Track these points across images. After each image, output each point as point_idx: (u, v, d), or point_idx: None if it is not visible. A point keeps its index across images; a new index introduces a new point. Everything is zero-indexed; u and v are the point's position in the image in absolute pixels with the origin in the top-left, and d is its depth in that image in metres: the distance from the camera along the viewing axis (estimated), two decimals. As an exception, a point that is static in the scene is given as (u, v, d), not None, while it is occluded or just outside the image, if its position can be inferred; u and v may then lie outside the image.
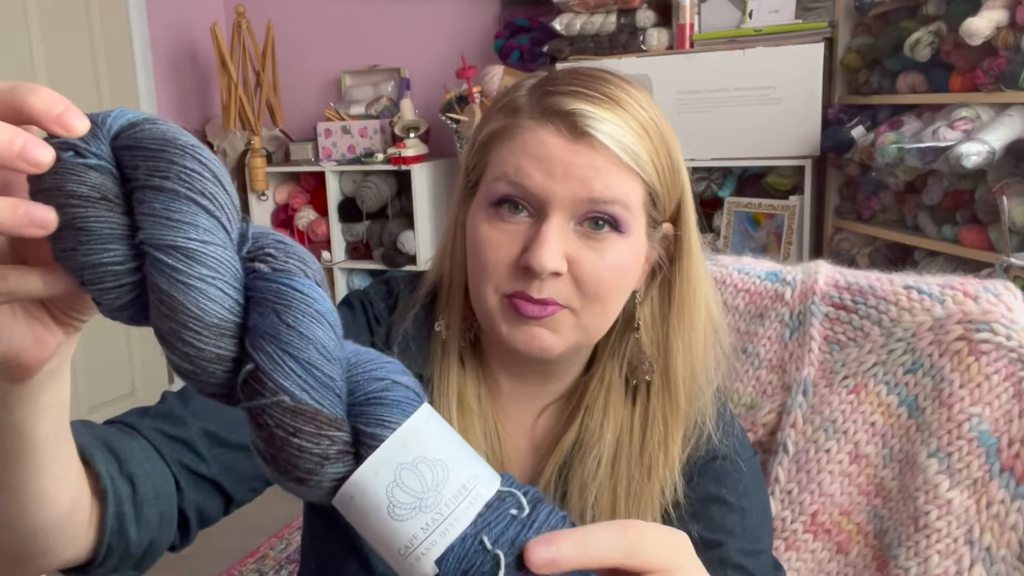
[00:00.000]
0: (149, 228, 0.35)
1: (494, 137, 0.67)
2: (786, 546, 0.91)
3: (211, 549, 2.20)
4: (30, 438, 0.43)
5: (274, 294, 0.37)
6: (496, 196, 0.64)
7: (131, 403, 3.07)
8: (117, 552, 0.53)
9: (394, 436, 0.38)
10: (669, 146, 0.67)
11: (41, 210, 0.34)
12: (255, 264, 0.37)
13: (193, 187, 0.35)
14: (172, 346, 0.36)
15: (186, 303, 0.35)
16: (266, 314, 0.36)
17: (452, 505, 0.38)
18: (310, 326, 0.37)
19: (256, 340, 0.36)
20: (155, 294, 0.35)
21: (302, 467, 0.37)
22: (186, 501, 0.60)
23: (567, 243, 0.63)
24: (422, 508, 0.37)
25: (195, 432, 0.61)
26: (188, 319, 0.35)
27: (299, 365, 0.36)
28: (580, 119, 0.62)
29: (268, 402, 0.36)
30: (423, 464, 0.38)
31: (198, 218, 0.35)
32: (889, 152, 1.99)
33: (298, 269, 0.38)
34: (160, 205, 0.35)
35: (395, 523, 0.37)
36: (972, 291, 0.86)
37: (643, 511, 0.69)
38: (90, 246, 0.35)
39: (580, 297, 0.64)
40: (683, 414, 0.71)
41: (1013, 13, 1.80)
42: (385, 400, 0.39)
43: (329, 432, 0.37)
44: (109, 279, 0.35)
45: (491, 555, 0.37)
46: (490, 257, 0.64)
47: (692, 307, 0.71)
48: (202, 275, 0.35)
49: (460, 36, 3.16)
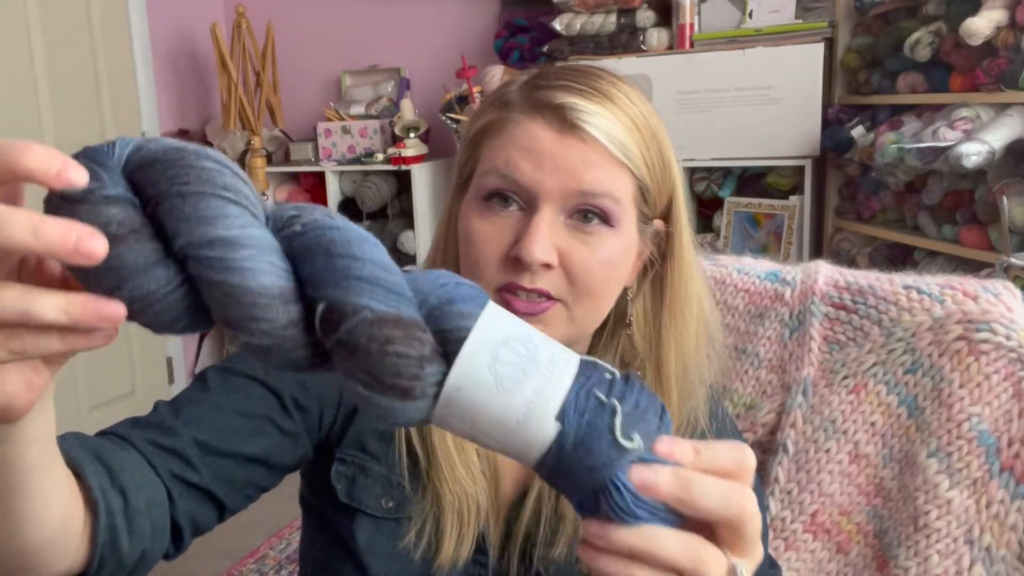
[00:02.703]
0: (186, 233, 0.35)
1: (485, 131, 0.67)
2: (786, 546, 0.91)
3: (211, 549, 2.21)
4: (18, 469, 0.43)
5: (314, 241, 0.38)
6: (487, 189, 0.65)
7: (131, 403, 3.07)
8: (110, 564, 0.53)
9: (479, 322, 0.40)
10: (660, 142, 0.67)
11: (111, 305, 0.34)
12: (286, 230, 0.39)
13: (215, 183, 0.36)
14: (247, 330, 0.37)
15: (245, 284, 0.36)
16: (315, 259, 0.38)
17: (552, 368, 0.40)
18: (358, 247, 0.39)
19: (317, 284, 0.38)
20: (211, 288, 0.36)
21: (405, 374, 0.38)
22: (179, 511, 0.60)
23: (558, 236, 0.63)
24: (527, 375, 0.39)
25: (186, 441, 0.61)
26: (253, 297, 0.36)
27: (364, 282, 0.38)
28: (570, 112, 0.62)
29: (353, 323, 0.37)
30: (513, 340, 0.40)
31: (227, 209, 0.36)
32: (889, 152, 1.98)
33: (323, 215, 0.40)
34: (190, 208, 0.36)
35: (507, 395, 0.39)
36: (972, 291, 0.86)
37: None
38: (133, 281, 0.35)
39: (572, 290, 0.64)
40: (675, 410, 0.71)
41: (1013, 13, 1.80)
42: (457, 298, 0.41)
43: (417, 334, 0.39)
44: (157, 304, 0.36)
45: (608, 406, 0.39)
46: (481, 251, 0.64)
47: (684, 304, 0.71)
48: (249, 256, 0.36)
49: (460, 36, 3.16)
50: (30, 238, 0.32)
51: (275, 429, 0.66)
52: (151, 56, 3.21)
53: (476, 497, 0.70)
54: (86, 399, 2.90)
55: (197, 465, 0.61)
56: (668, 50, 2.57)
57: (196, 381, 0.67)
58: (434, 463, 0.69)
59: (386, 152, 3.01)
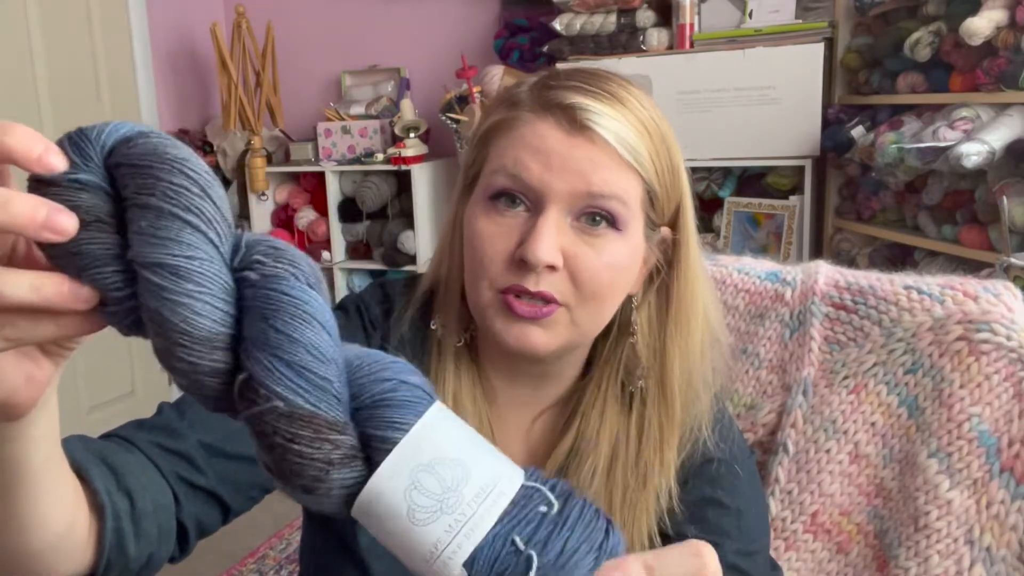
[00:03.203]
0: (137, 246, 0.34)
1: (493, 130, 0.66)
2: (786, 546, 0.91)
3: (211, 549, 2.20)
4: (24, 470, 0.43)
5: (262, 300, 0.36)
6: (494, 189, 0.64)
7: (131, 403, 3.07)
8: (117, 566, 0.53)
9: (407, 438, 0.37)
10: (670, 148, 0.66)
11: (83, 288, 0.34)
12: (245, 273, 0.37)
13: (178, 203, 0.35)
14: (168, 363, 0.36)
15: (173, 319, 0.34)
16: (255, 321, 0.36)
17: (475, 504, 0.36)
18: (299, 328, 0.36)
19: (248, 348, 0.36)
20: (146, 313, 0.35)
21: (306, 475, 0.36)
22: (184, 513, 0.60)
23: (564, 238, 0.63)
24: (443, 510, 0.36)
25: (192, 444, 0.61)
26: (177, 335, 0.35)
27: (290, 369, 0.36)
28: (580, 112, 0.62)
29: (263, 409, 0.35)
30: (440, 464, 0.36)
31: (182, 234, 0.35)
32: (889, 152, 1.98)
33: (287, 272, 0.37)
34: (146, 223, 0.34)
35: (417, 528, 0.36)
36: (972, 291, 0.86)
37: (638, 519, 0.69)
38: (90, 271, 0.34)
39: (576, 294, 0.64)
40: (679, 421, 0.71)
41: (1013, 13, 1.80)
42: (393, 401, 0.38)
43: (329, 436, 0.36)
44: (113, 303, 0.35)
45: (524, 555, 0.35)
46: (486, 251, 0.64)
47: (690, 314, 0.70)
48: (188, 291, 0.34)
49: (460, 36, 3.15)
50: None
51: None
52: (151, 56, 3.21)
53: None
54: (86, 399, 2.90)
55: (203, 468, 0.61)
56: (668, 50, 2.57)
57: None
58: None
59: (386, 152, 3.00)
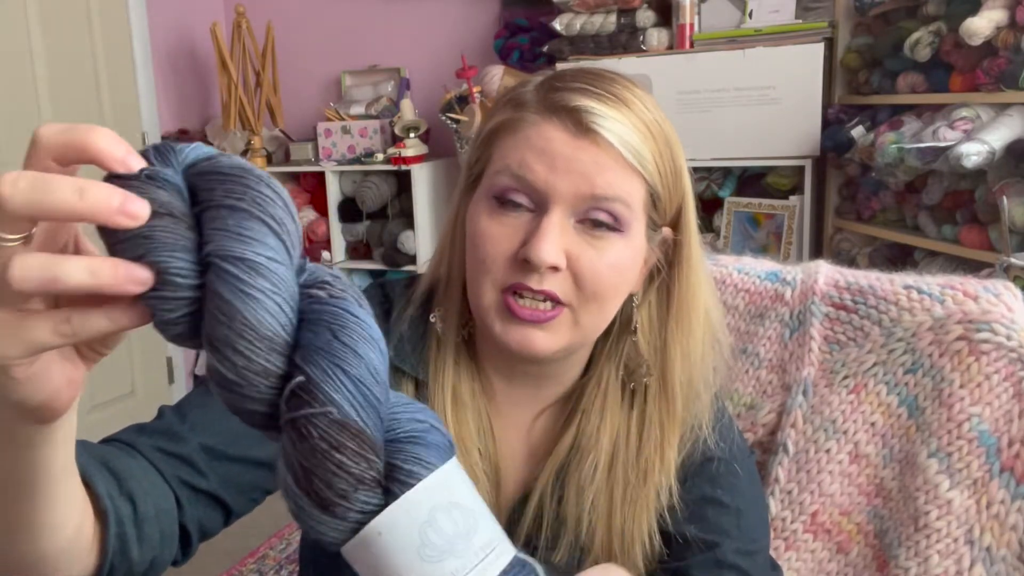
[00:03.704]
0: (218, 240, 0.35)
1: (498, 130, 0.66)
2: (786, 546, 0.91)
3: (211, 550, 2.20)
4: (47, 472, 0.43)
5: (330, 315, 0.37)
6: (498, 189, 0.64)
7: (131, 403, 3.07)
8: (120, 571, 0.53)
9: (434, 476, 0.38)
10: (673, 150, 0.67)
11: (139, 269, 0.34)
12: (311, 290, 0.38)
13: (265, 210, 0.36)
14: (222, 354, 0.36)
15: (244, 312, 0.35)
16: (321, 332, 0.37)
17: (481, 555, 0.38)
18: (364, 346, 0.37)
19: (308, 355, 0.37)
20: (214, 302, 0.35)
21: (335, 487, 0.37)
22: (187, 516, 0.60)
23: (567, 239, 0.63)
24: (453, 553, 0.37)
25: (193, 447, 0.61)
26: (244, 328, 0.35)
27: (350, 381, 0.37)
28: (585, 115, 0.62)
29: (316, 411, 0.36)
30: (456, 509, 0.38)
31: (267, 237, 0.36)
32: (889, 152, 1.98)
33: (352, 298, 0.39)
34: (233, 221, 0.36)
35: (425, 565, 0.37)
36: (972, 291, 0.86)
37: (638, 516, 0.69)
38: (155, 254, 0.35)
39: (578, 294, 0.64)
40: (679, 420, 0.71)
41: (1013, 13, 1.80)
42: (425, 441, 0.39)
43: (368, 455, 0.37)
44: (169, 288, 0.35)
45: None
46: (489, 250, 0.64)
47: (691, 313, 0.70)
48: (263, 288, 0.36)
49: (460, 36, 3.15)
50: (75, 198, 0.33)
51: None
52: (151, 56, 3.21)
53: None
54: (86, 399, 2.90)
55: (205, 471, 0.61)
56: (668, 50, 2.57)
57: (200, 384, 0.67)
58: None
59: (386, 152, 3.00)
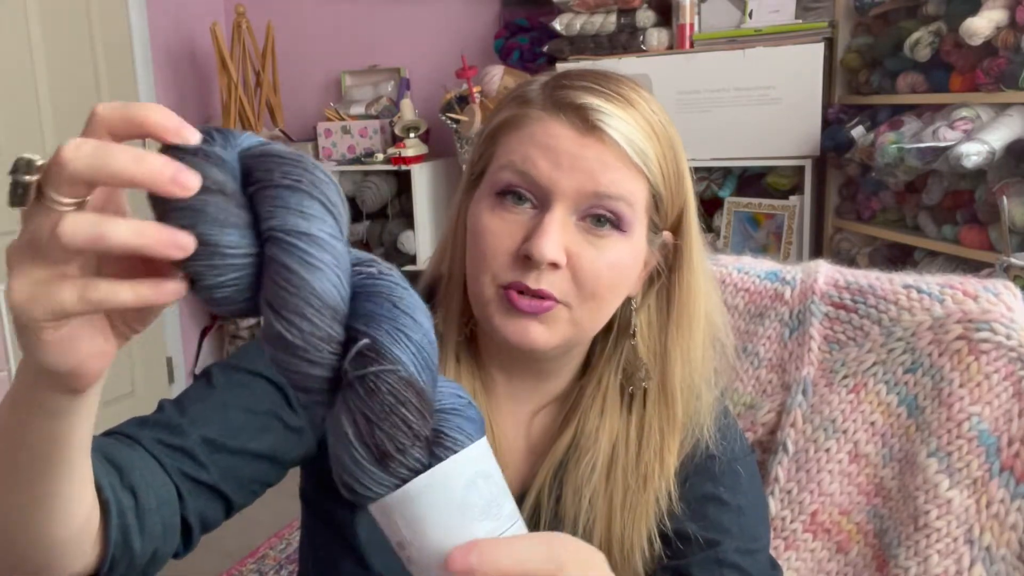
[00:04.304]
0: (281, 217, 0.37)
1: (503, 127, 0.67)
2: (786, 545, 0.91)
3: (211, 549, 2.20)
4: (69, 445, 0.43)
5: (387, 288, 0.40)
6: (501, 184, 0.64)
7: (131, 403, 3.07)
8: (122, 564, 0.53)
9: (475, 445, 0.42)
10: (676, 153, 0.67)
11: (182, 235, 0.36)
12: (361, 268, 0.41)
13: (323, 194, 0.38)
14: (289, 321, 0.37)
15: (312, 282, 0.37)
16: (380, 302, 0.40)
17: (509, 523, 0.42)
18: (420, 315, 0.41)
19: (371, 321, 0.39)
20: (280, 272, 0.37)
21: (396, 440, 0.39)
22: (188, 509, 0.60)
23: (568, 237, 0.63)
24: (488, 515, 0.41)
25: (194, 440, 0.61)
26: (312, 297, 0.37)
27: (413, 344, 0.40)
28: (592, 113, 0.62)
29: (386, 368, 0.39)
30: (491, 478, 0.42)
31: (326, 216, 0.38)
32: (889, 152, 1.98)
33: (399, 276, 0.42)
34: (294, 200, 0.37)
35: (465, 520, 0.40)
36: (972, 290, 0.86)
37: (638, 522, 0.69)
38: (206, 226, 0.36)
39: (576, 293, 0.64)
40: (679, 425, 0.71)
41: (1013, 13, 1.80)
42: (465, 414, 0.43)
43: (426, 414, 0.40)
44: (218, 259, 0.37)
45: None
46: (490, 245, 0.64)
47: (691, 317, 0.70)
48: (327, 261, 0.37)
49: (460, 36, 3.16)
50: (133, 165, 0.34)
51: (280, 425, 0.66)
52: (151, 56, 3.21)
53: None
54: (86, 399, 2.90)
55: (205, 463, 0.61)
56: (668, 50, 2.57)
57: (200, 378, 0.67)
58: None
59: (386, 152, 3.00)
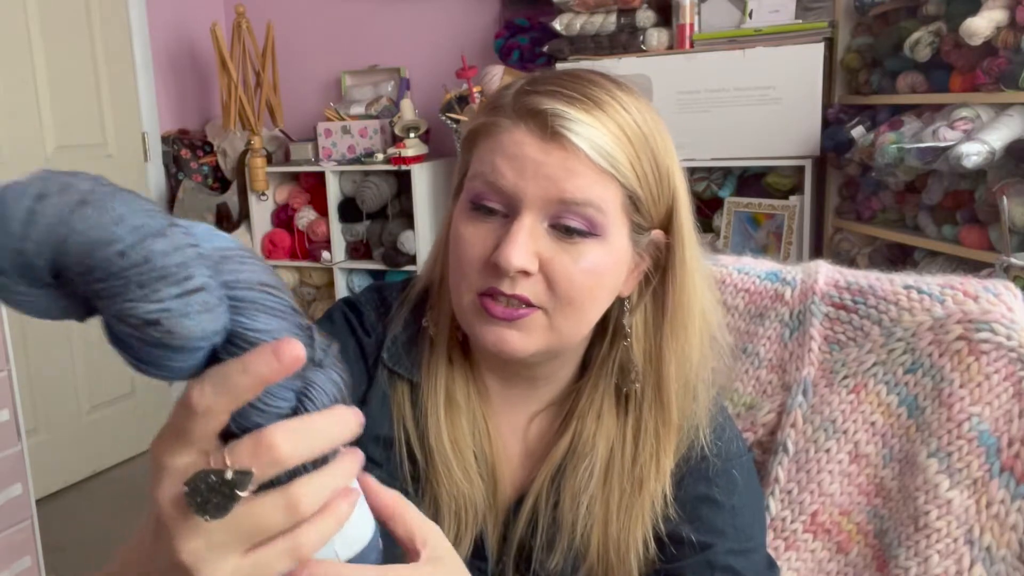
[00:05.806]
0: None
1: (476, 134, 0.67)
2: (786, 546, 0.91)
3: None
4: None
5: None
6: (473, 194, 0.65)
7: (131, 403, 3.07)
8: None
9: None
10: (655, 151, 0.65)
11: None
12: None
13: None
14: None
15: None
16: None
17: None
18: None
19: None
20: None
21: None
22: None
23: (540, 243, 0.63)
24: None
25: None
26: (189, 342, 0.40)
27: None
28: (552, 119, 0.61)
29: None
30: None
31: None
32: (889, 152, 1.98)
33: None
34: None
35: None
36: (972, 291, 0.86)
37: (634, 525, 0.69)
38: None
39: (552, 299, 0.64)
40: (675, 427, 0.70)
41: (1013, 13, 1.80)
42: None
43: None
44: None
45: None
46: (465, 254, 0.64)
47: (686, 317, 0.69)
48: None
49: (460, 36, 3.15)
50: (336, 428, 0.42)
51: None
52: (151, 56, 3.21)
53: (473, 498, 0.70)
54: (86, 399, 2.90)
55: None
56: (668, 50, 2.57)
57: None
58: (431, 464, 0.69)
59: (386, 152, 3.00)
